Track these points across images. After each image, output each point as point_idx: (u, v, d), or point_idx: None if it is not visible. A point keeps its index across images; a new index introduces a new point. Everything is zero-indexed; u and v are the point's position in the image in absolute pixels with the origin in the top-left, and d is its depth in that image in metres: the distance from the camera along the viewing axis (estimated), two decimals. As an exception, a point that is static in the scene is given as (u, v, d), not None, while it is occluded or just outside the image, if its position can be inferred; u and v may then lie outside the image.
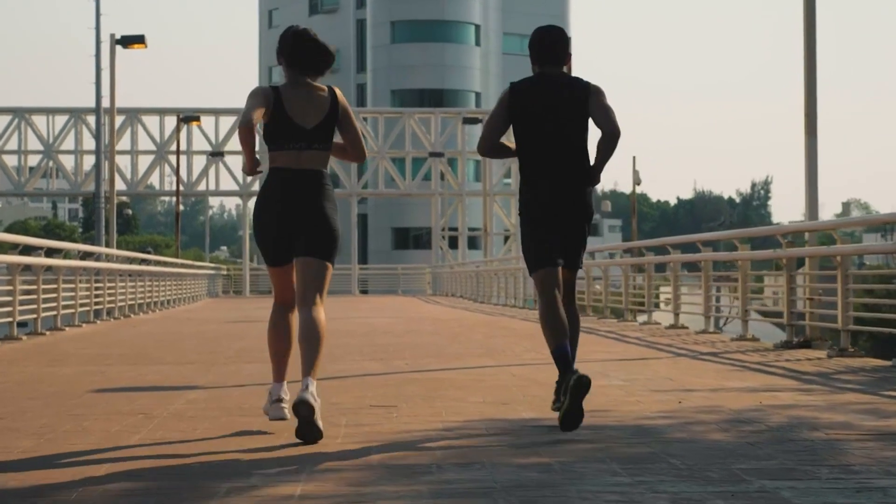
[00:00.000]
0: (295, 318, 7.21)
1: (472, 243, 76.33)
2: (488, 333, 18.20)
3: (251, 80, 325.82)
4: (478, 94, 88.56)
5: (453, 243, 69.70)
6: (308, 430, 6.45)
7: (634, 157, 62.51)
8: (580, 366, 7.32)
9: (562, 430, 6.68)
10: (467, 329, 19.75)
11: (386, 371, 11.32)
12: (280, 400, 7.11)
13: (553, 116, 7.15)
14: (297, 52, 7.01)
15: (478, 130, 74.74)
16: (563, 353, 7.01)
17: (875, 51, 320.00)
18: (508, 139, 7.43)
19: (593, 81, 7.28)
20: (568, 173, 7.16)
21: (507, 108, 7.22)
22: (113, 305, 27.02)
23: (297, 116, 6.94)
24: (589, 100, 7.18)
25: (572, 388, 6.66)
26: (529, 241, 7.27)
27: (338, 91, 7.13)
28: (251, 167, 7.01)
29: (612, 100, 7.27)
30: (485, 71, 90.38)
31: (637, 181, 62.10)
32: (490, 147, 7.34)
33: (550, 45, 7.36)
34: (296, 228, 6.99)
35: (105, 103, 39.52)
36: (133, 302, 29.87)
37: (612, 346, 15.15)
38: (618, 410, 7.91)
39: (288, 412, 6.96)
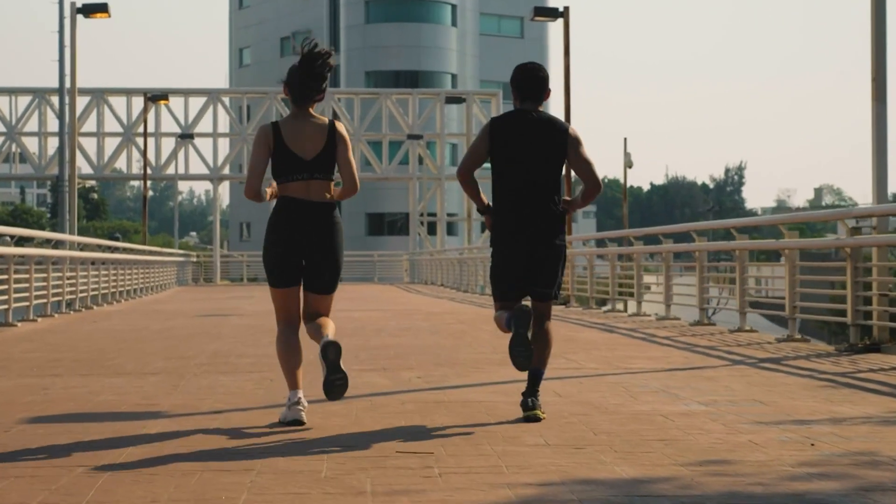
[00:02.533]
0: (303, 333, 7.53)
1: (449, 229, 74.19)
2: (494, 332, 15.96)
3: (222, 61, 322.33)
4: (454, 76, 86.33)
5: (430, 229, 67.47)
6: (336, 378, 7.07)
7: (626, 139, 59.79)
8: (629, 377, 8.05)
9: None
10: (469, 326, 17.58)
11: (397, 388, 9.15)
12: (297, 403, 7.18)
13: (530, 155, 7.40)
14: (293, 87, 7.40)
15: (457, 112, 72.69)
16: (533, 374, 7.40)
17: (841, 34, 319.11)
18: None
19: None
20: (539, 211, 7.41)
21: (489, 139, 7.44)
22: (73, 297, 24.80)
23: (296, 148, 7.29)
24: (569, 147, 7.43)
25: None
26: (497, 271, 7.59)
27: (338, 124, 7.40)
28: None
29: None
30: (461, 52, 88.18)
31: (629, 164, 59.40)
32: (468, 173, 7.52)
33: (531, 82, 7.52)
34: (305, 258, 7.38)
35: (69, 83, 37.18)
36: (96, 292, 27.60)
37: (649, 350, 13.03)
38: (743, 462, 5.74)
39: (304, 416, 7.17)
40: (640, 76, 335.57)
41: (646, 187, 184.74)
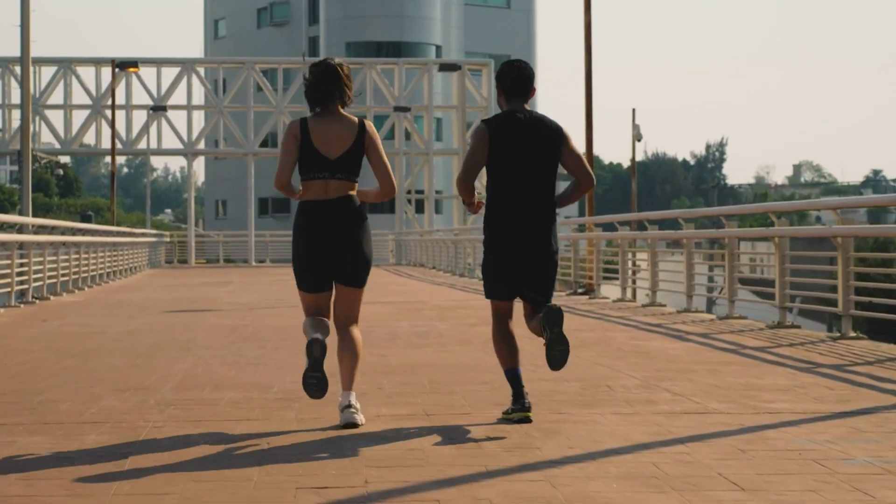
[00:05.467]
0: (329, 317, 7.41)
1: (435, 207, 70.84)
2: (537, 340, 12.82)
3: (196, 33, 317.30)
4: (438, 48, 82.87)
5: (417, 207, 64.06)
6: (313, 377, 6.84)
7: (634, 110, 55.92)
8: (798, 434, 6.65)
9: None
10: (498, 329, 14.27)
11: (468, 467, 5.87)
12: (349, 406, 7.08)
13: (525, 157, 7.34)
14: (312, 89, 7.28)
15: (442, 85, 69.38)
16: (515, 376, 7.37)
17: (821, 14, 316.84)
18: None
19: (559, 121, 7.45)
20: (535, 213, 7.37)
21: (487, 142, 7.34)
22: (26, 286, 21.48)
23: (321, 147, 7.16)
24: (561, 145, 7.39)
25: (546, 316, 7.15)
26: (490, 270, 7.49)
27: (367, 123, 7.28)
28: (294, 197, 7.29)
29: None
30: (446, 23, 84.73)
31: (638, 137, 55.56)
32: (471, 182, 7.40)
33: (518, 81, 7.47)
34: (332, 257, 7.25)
35: (35, 52, 33.84)
36: (54, 280, 24.27)
37: (765, 374, 9.77)
38: None
39: (359, 418, 7.07)
40: (620, 53, 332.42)
41: (625, 164, 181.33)
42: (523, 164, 7.32)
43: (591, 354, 11.33)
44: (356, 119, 7.27)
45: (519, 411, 7.18)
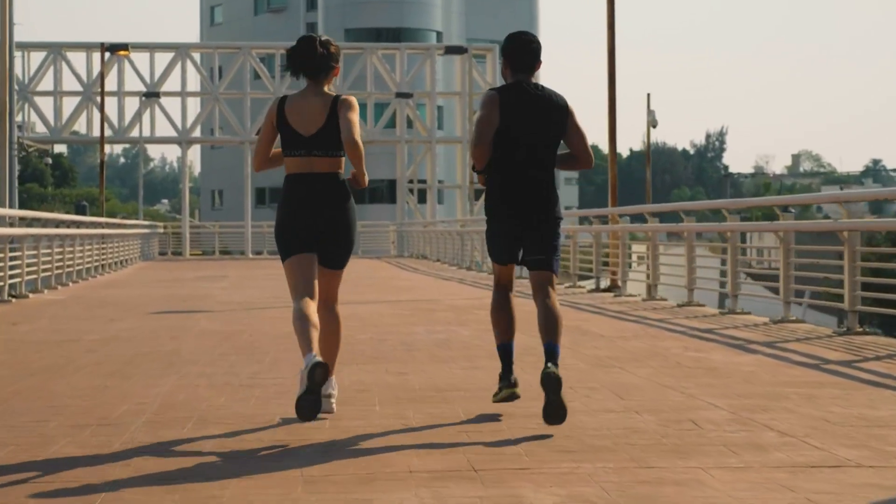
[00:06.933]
0: (315, 306, 7.11)
1: (437, 197, 69.00)
2: (584, 353, 11.06)
3: (192, 20, 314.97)
4: (439, 34, 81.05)
5: (418, 197, 62.22)
6: (309, 400, 6.45)
7: (649, 95, 53.54)
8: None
9: (546, 423, 6.66)
10: (531, 337, 12.38)
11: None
12: (329, 396, 7.20)
13: (532, 130, 7.26)
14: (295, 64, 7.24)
15: (443, 71, 67.59)
16: (507, 352, 7.38)
17: (822, 6, 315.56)
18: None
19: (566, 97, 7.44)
20: (539, 183, 7.31)
21: (498, 107, 7.22)
22: (2, 284, 19.70)
23: (296, 124, 7.16)
24: (567, 119, 7.34)
25: (545, 383, 6.73)
26: (493, 237, 7.47)
27: (342, 97, 7.18)
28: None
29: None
30: (447, 9, 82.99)
31: (653, 123, 53.26)
32: (487, 142, 7.21)
33: (525, 53, 7.41)
34: (315, 231, 7.20)
35: (24, 36, 31.97)
36: (35, 276, 22.46)
37: (878, 403, 7.98)
38: None
39: (335, 405, 7.24)
40: (620, 43, 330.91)
41: (625, 153, 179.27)
42: (527, 137, 7.24)
43: (650, 372, 9.53)
44: (333, 95, 7.19)
45: (506, 388, 7.30)
